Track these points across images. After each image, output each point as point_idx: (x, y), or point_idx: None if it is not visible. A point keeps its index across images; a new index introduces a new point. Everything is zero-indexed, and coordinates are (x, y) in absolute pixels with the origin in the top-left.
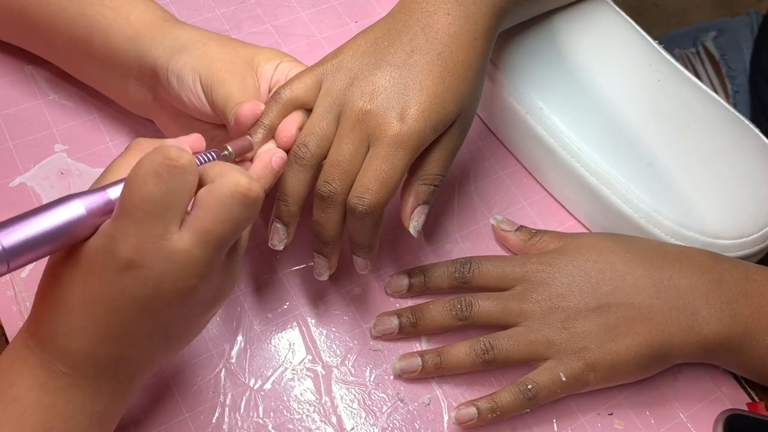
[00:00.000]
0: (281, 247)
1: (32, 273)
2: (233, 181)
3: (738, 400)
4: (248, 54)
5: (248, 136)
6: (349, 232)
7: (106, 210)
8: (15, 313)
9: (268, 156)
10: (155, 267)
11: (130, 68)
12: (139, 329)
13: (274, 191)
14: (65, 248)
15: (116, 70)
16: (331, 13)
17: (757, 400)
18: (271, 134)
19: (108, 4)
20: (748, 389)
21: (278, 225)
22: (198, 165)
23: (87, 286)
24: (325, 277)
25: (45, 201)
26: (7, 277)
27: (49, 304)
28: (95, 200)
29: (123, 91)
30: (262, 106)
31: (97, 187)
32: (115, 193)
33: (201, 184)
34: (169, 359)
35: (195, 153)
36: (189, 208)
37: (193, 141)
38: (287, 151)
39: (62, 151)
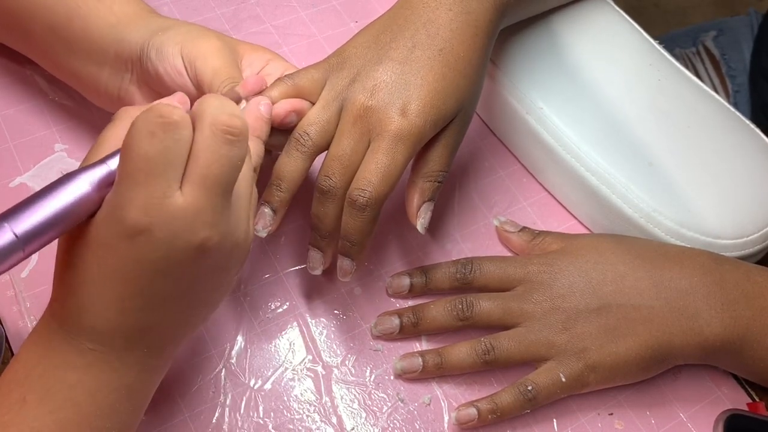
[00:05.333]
0: (264, 234)
1: (32, 273)
2: (213, 120)
3: (738, 400)
4: (232, 42)
5: (237, 89)
6: (343, 229)
7: (109, 182)
8: (15, 313)
9: (255, 105)
10: (165, 227)
11: (107, 54)
12: (161, 294)
13: (267, 177)
14: (75, 225)
15: (92, 56)
16: (331, 13)
17: (757, 400)
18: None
19: None
20: (749, 389)
21: (266, 210)
22: None
23: (101, 259)
24: (318, 272)
25: None
26: (7, 277)
27: (68, 285)
28: (97, 174)
29: (95, 80)
30: (266, 82)
31: (96, 161)
32: (114, 163)
33: None
34: (199, 326)
35: None
36: None
37: (179, 99)
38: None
39: (62, 151)
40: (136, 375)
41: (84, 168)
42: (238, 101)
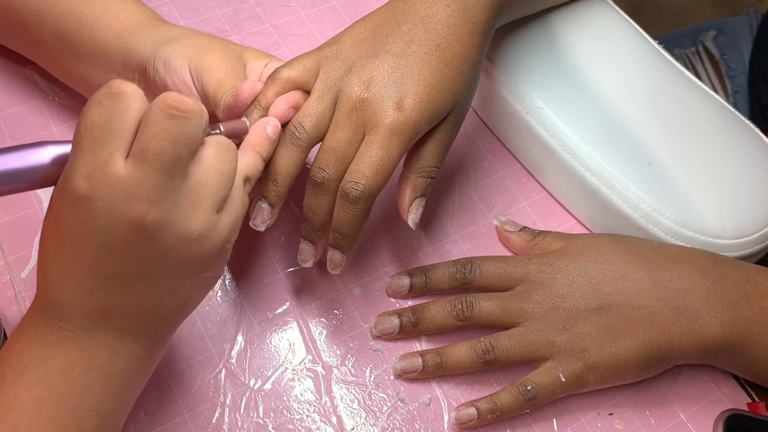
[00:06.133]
0: (263, 228)
1: (32, 273)
2: (161, 98)
3: (738, 400)
4: (238, 50)
5: (244, 120)
6: (335, 221)
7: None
8: (15, 313)
9: (263, 125)
10: (104, 196)
11: (115, 63)
12: (113, 273)
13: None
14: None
15: (100, 65)
16: (331, 13)
17: (757, 400)
18: (266, 114)
19: (98, 2)
20: (749, 389)
21: (263, 205)
22: None
23: (56, 229)
24: (309, 264)
25: (44, 201)
26: (7, 277)
27: (39, 260)
28: (61, 149)
29: None
30: (261, 86)
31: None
32: None
33: None
34: (175, 320)
35: None
36: None
37: None
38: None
39: None
40: (108, 358)
41: (53, 141)
42: (243, 132)
